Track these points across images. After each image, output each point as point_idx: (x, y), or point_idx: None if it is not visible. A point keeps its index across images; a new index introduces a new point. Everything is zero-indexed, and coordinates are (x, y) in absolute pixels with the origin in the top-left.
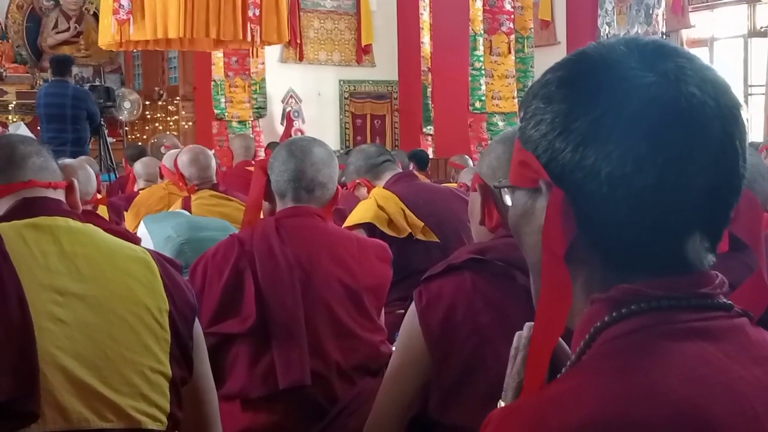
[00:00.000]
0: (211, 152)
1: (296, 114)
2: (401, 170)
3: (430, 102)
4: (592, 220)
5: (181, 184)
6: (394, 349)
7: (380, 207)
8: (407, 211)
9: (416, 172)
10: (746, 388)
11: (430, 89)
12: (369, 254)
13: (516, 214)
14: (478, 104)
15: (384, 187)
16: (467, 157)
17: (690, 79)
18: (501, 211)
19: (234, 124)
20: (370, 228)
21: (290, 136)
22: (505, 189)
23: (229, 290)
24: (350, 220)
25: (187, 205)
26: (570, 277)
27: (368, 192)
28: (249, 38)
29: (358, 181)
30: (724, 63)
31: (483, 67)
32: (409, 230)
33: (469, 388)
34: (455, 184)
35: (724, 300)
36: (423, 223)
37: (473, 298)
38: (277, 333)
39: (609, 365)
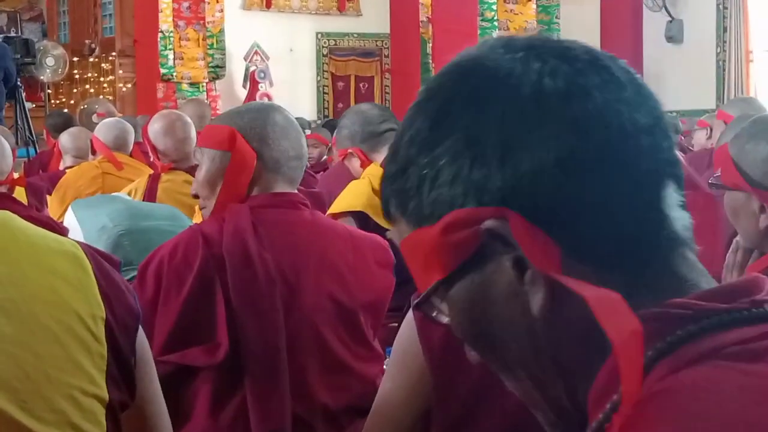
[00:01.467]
0: (188, 120)
1: (262, 75)
2: None
3: (430, 61)
4: (567, 225)
5: (153, 158)
6: (385, 367)
7: (375, 191)
8: None
9: None
10: None
11: (429, 45)
12: (367, 258)
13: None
14: None
15: (382, 165)
16: None
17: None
18: None
19: (185, 86)
20: (361, 218)
21: (257, 100)
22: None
23: (191, 306)
24: (337, 206)
25: (153, 186)
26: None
27: (362, 167)
28: None
29: (350, 150)
30: None
31: (495, 18)
32: None
33: (479, 419)
34: None
35: None
36: None
37: None
38: (253, 367)
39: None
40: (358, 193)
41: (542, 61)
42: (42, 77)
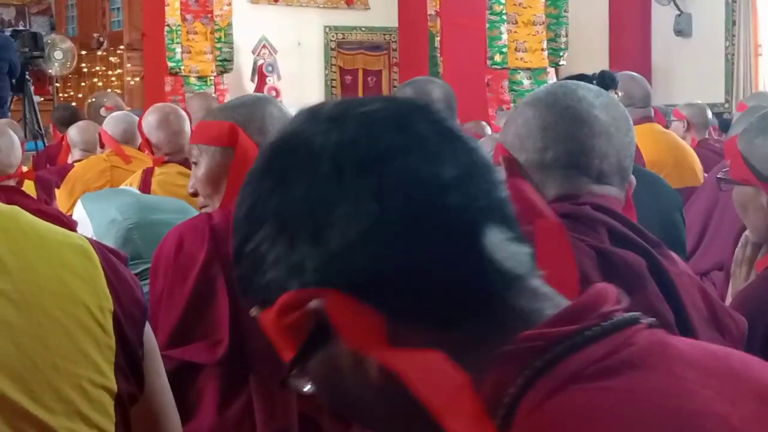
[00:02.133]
0: (182, 112)
1: (270, 68)
2: None
3: (437, 55)
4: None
5: (147, 152)
6: None
7: None
8: None
9: None
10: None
11: (437, 38)
12: None
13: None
14: (498, 58)
15: None
16: (485, 123)
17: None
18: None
19: (192, 80)
20: None
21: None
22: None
23: (194, 302)
24: None
25: (147, 180)
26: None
27: None
28: None
29: None
30: None
31: (504, 11)
32: None
33: None
34: None
35: (635, 313)
36: None
37: None
38: (258, 365)
39: None
40: None
41: (342, 132)
42: (50, 71)
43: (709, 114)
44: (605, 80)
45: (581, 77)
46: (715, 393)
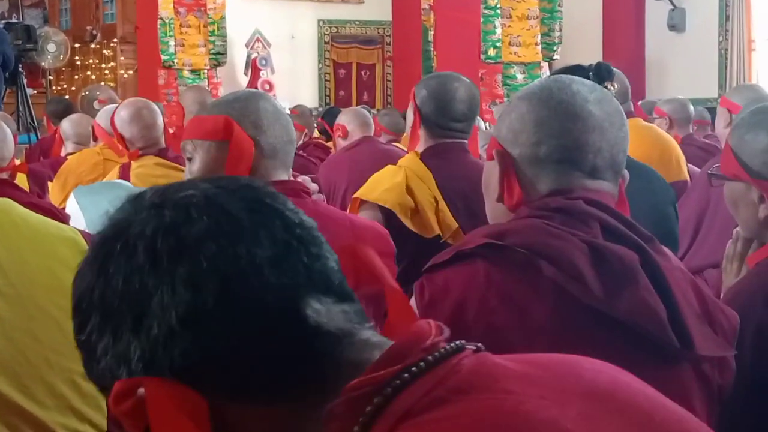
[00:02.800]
0: (157, 107)
1: (264, 62)
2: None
3: (431, 49)
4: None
5: (121, 147)
6: None
7: (408, 190)
8: (441, 203)
9: None
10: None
11: (431, 33)
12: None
13: None
14: (491, 52)
15: (422, 156)
16: (478, 117)
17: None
18: (524, 185)
19: (186, 73)
20: (387, 213)
21: (256, 89)
22: None
23: None
24: (366, 192)
25: (125, 175)
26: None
27: (412, 127)
28: None
29: (415, 105)
30: None
31: (498, 6)
32: (438, 231)
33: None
34: None
35: (459, 342)
36: (457, 225)
37: (487, 293)
38: None
39: None
40: (390, 186)
41: (159, 218)
42: (43, 63)
43: (691, 109)
44: (602, 71)
45: (577, 68)
46: (543, 400)
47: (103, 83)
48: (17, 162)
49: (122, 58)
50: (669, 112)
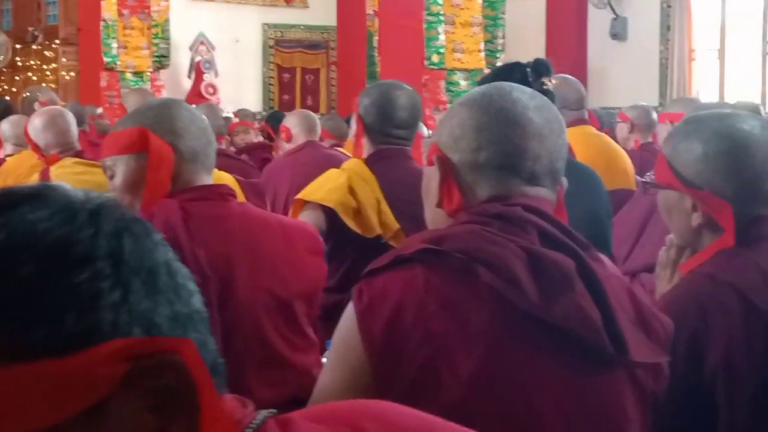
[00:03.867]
0: (69, 113)
1: (208, 65)
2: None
3: (375, 54)
4: None
5: (37, 155)
6: (324, 360)
7: (351, 190)
8: (383, 205)
9: None
10: None
11: (376, 38)
12: (298, 247)
13: None
14: (435, 58)
15: (366, 160)
16: (421, 124)
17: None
18: (464, 191)
19: (128, 75)
20: (329, 213)
21: (200, 92)
22: None
23: None
24: (308, 193)
25: (45, 178)
26: None
27: (356, 136)
28: None
29: (359, 114)
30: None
31: (442, 12)
32: (380, 231)
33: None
34: None
35: (262, 411)
36: (399, 226)
37: (426, 298)
38: None
39: None
40: (333, 186)
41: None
42: None
43: (654, 116)
44: (540, 68)
45: (516, 65)
46: None
47: (44, 85)
48: None
49: (64, 59)
50: (632, 117)
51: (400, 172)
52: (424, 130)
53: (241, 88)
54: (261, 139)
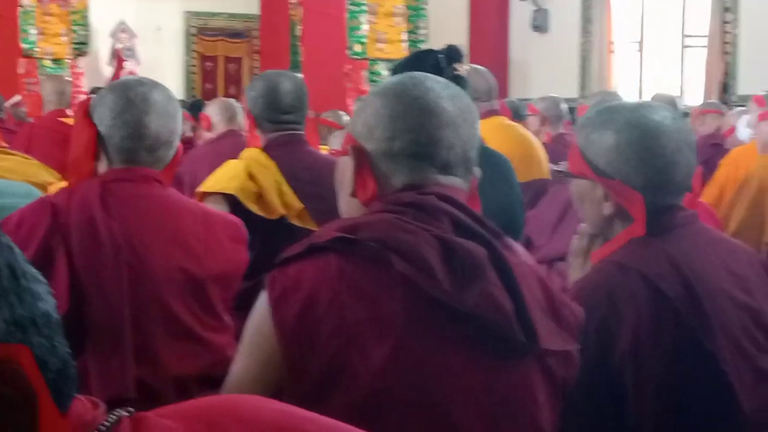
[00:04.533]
0: None
1: (129, 53)
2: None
3: (298, 43)
4: None
5: None
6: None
7: (251, 176)
8: (284, 187)
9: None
10: None
11: (299, 27)
12: (218, 232)
13: None
14: (357, 48)
15: (264, 148)
16: (342, 113)
17: None
18: (378, 180)
19: (47, 63)
20: (231, 201)
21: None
22: None
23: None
24: (209, 185)
25: None
26: None
27: (248, 131)
28: None
29: (247, 111)
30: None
31: (364, 2)
32: (283, 212)
33: (332, 400)
34: (327, 148)
35: (116, 412)
36: (302, 206)
37: (339, 287)
38: (94, 331)
39: None
40: (232, 175)
41: None
42: None
43: (564, 107)
44: (452, 54)
45: (429, 52)
46: None
47: None
48: None
49: None
50: (542, 109)
51: (298, 156)
52: (346, 119)
53: (162, 76)
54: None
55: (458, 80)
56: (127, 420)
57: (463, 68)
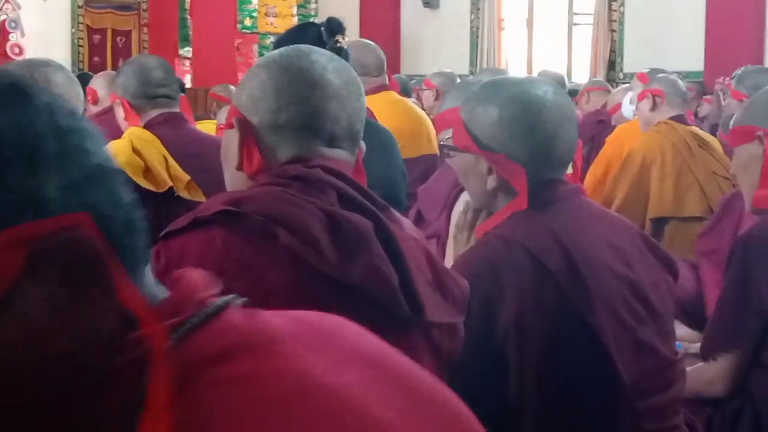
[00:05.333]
0: None
1: (13, 24)
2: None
3: (187, 16)
4: None
5: None
6: None
7: (135, 150)
8: (170, 160)
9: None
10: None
11: (188, 0)
12: None
13: None
14: (248, 22)
15: (144, 127)
16: (233, 87)
17: None
18: (264, 152)
19: None
20: None
21: (5, 52)
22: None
23: None
24: None
25: None
26: None
27: (126, 119)
28: None
29: (118, 99)
30: None
31: None
32: (171, 183)
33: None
34: (215, 122)
35: (228, 296)
36: (189, 177)
37: (224, 259)
38: None
39: None
40: (117, 150)
41: None
42: None
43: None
44: (333, 26)
45: (310, 24)
46: (327, 366)
47: None
48: None
49: None
50: (437, 84)
51: (180, 131)
52: None
53: (49, 49)
54: None
55: (340, 52)
56: (239, 308)
57: (345, 40)
